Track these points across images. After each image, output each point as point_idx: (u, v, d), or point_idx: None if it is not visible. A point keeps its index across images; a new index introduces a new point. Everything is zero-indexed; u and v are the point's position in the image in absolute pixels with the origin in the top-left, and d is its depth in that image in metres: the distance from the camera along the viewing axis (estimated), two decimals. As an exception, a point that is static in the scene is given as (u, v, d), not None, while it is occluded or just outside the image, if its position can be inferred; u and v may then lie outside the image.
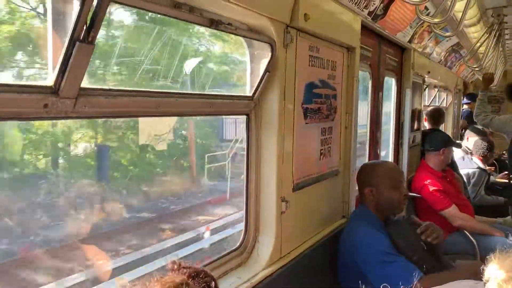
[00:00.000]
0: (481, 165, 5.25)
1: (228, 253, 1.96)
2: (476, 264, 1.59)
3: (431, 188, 4.13)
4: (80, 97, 1.19)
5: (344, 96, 2.77)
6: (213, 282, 1.01)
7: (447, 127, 7.59)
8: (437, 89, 6.57)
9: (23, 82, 1.04)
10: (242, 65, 2.04)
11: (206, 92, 1.80)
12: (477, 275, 1.57)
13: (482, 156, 5.36)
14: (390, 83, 4.14)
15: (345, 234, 2.49)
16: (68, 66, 1.12)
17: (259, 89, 1.99)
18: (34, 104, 1.10)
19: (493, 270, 1.55)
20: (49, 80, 1.14)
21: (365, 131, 4.20)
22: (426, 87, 5.38)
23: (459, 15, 3.81)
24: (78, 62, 1.12)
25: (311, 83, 2.32)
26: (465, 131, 6.62)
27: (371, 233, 2.37)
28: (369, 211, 2.52)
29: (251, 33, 1.86)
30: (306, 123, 2.31)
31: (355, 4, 2.57)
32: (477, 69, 5.45)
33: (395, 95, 4.20)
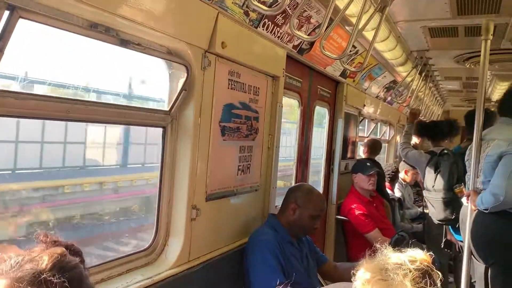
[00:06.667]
0: (390, 192, 5.69)
1: (135, 253, 2.12)
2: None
3: (357, 212, 4.44)
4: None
5: (267, 119, 3.04)
6: (80, 257, 1.19)
7: (388, 158, 8.07)
8: (377, 122, 7.01)
9: None
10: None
11: (121, 103, 1.99)
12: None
13: (389, 183, 5.82)
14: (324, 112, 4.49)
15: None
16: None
17: (175, 105, 2.22)
18: None
19: (361, 272, 1.81)
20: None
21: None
22: (362, 119, 5.77)
23: (385, 55, 4.24)
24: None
25: (230, 104, 2.57)
26: None
27: (267, 233, 2.62)
28: (279, 223, 2.75)
29: (168, 55, 2.10)
30: (224, 140, 2.55)
31: (278, 37, 2.87)
32: (404, 104, 5.91)
33: (328, 124, 4.53)
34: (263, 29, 2.68)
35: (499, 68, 5.10)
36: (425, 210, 5.35)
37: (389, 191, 5.74)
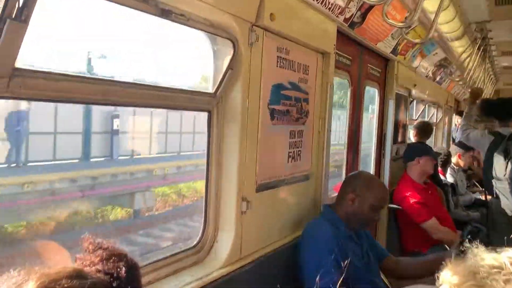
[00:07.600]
0: (443, 178, 5.27)
1: (184, 251, 1.92)
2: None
3: (412, 200, 4.09)
4: (14, 78, 1.18)
5: (318, 101, 2.76)
6: (123, 269, 0.94)
7: (437, 142, 7.59)
8: (425, 104, 6.57)
9: None
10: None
11: (163, 85, 1.77)
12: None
13: (441, 168, 5.39)
14: (373, 92, 4.15)
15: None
16: (-1, 44, 1.11)
17: (221, 86, 1.98)
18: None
19: (447, 275, 1.52)
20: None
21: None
22: (412, 101, 5.38)
23: (441, 28, 3.85)
24: (9, 40, 1.11)
25: (279, 84, 2.31)
26: None
27: (324, 227, 2.36)
28: (336, 215, 2.49)
29: (212, 28, 1.86)
30: (273, 124, 2.30)
31: (329, 9, 2.58)
32: (460, 82, 5.46)
33: (378, 106, 4.20)
34: (313, 0, 2.40)
35: None
36: (487, 198, 4.92)
37: (441, 176, 5.35)
